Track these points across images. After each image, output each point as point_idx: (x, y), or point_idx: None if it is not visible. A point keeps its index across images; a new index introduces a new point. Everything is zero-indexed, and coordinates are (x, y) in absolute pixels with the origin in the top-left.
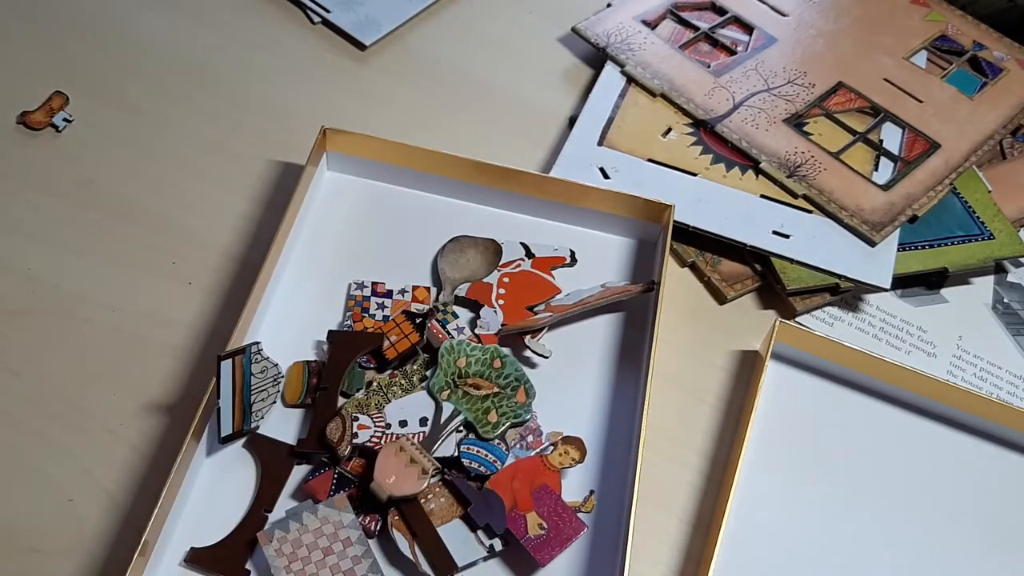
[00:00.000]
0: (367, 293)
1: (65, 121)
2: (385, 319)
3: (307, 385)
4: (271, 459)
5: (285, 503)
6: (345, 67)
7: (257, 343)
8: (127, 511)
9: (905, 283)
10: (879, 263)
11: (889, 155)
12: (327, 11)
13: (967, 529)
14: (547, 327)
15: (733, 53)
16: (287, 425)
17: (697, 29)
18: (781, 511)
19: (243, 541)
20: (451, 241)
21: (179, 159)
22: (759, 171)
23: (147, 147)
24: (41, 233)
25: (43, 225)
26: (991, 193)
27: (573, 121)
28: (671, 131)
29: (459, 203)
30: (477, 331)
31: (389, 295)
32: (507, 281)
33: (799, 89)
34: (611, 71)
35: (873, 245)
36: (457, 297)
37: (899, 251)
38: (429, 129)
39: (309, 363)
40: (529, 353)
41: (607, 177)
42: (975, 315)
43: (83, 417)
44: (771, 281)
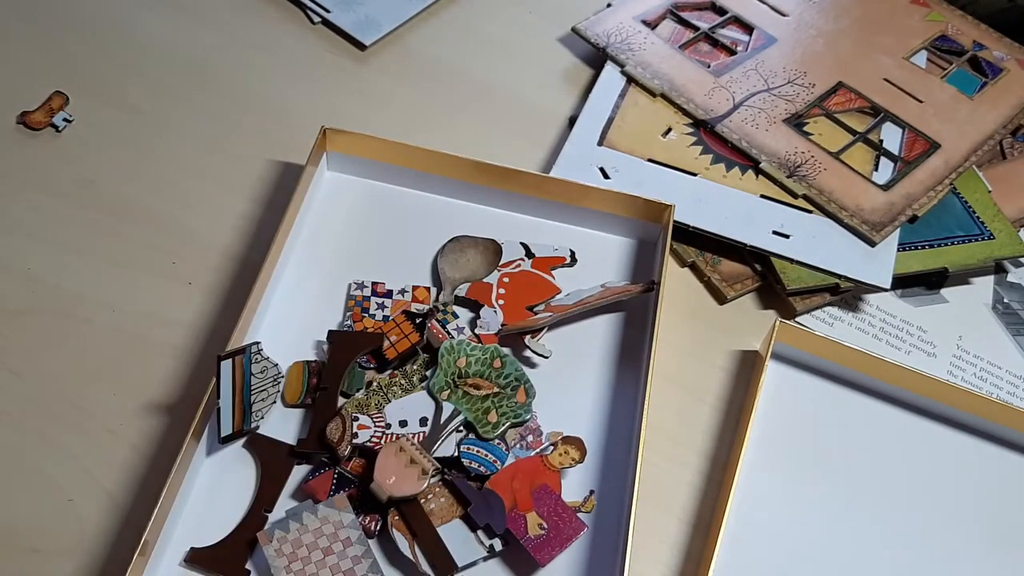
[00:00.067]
0: (367, 293)
1: (65, 121)
2: (385, 319)
3: (307, 385)
4: (271, 459)
5: (285, 503)
6: (345, 67)
7: (257, 343)
8: (127, 511)
9: (905, 283)
10: (879, 263)
11: (889, 155)
12: (327, 11)
13: (967, 529)
14: (547, 327)
15: (733, 53)
16: (287, 425)
17: (697, 29)
18: (781, 511)
19: (243, 541)
20: (451, 241)
21: (179, 159)
22: (759, 171)
23: (147, 147)
24: (41, 233)
25: (43, 225)
26: (991, 193)
27: (573, 121)
28: (671, 131)
29: (459, 203)
30: (477, 331)
31: (389, 295)
32: (507, 281)
33: (799, 89)
34: (611, 71)
35: (873, 245)
36: (457, 297)
37: (899, 251)
38: (429, 129)
39: (309, 363)
40: (529, 353)
41: (607, 177)
42: (975, 315)
43: (83, 417)
44: (771, 281)
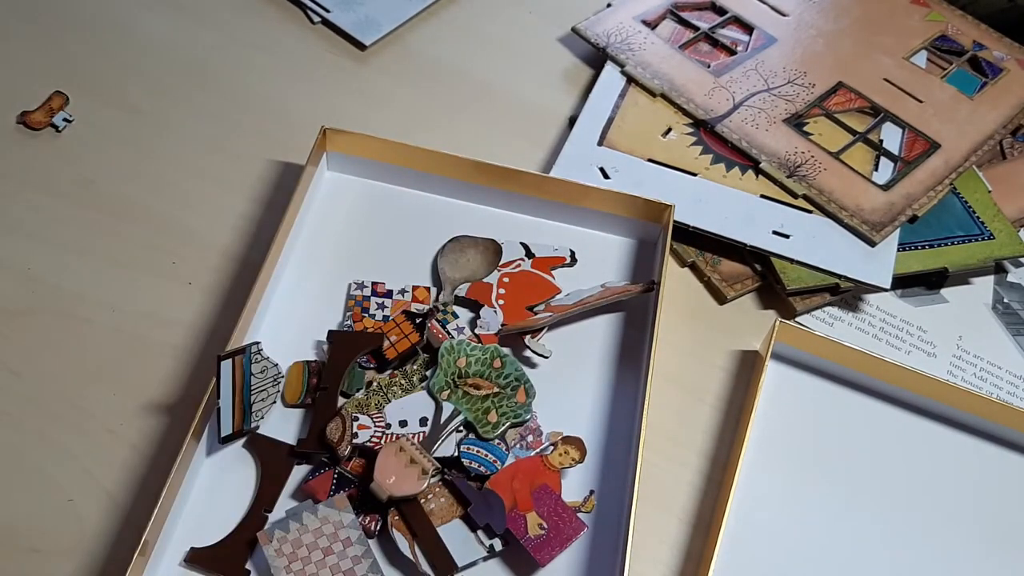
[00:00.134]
0: (367, 293)
1: (65, 121)
2: (385, 319)
3: (307, 385)
4: (271, 459)
5: (285, 503)
6: (345, 67)
7: (257, 343)
8: (127, 511)
9: (905, 283)
10: (879, 263)
11: (889, 155)
12: (327, 11)
13: (967, 529)
14: (547, 327)
15: (733, 53)
16: (287, 425)
17: (697, 29)
18: (781, 511)
19: (243, 541)
20: (451, 241)
21: (179, 159)
22: (759, 171)
23: (147, 147)
24: (41, 233)
25: (43, 225)
26: (991, 193)
27: (573, 121)
28: (671, 131)
29: (459, 203)
30: (477, 331)
31: (389, 295)
32: (507, 281)
33: (799, 89)
34: (611, 71)
35: (873, 245)
36: (457, 297)
37: (899, 251)
38: (429, 129)
39: (309, 363)
40: (529, 353)
41: (607, 177)
42: (975, 315)
43: (83, 417)
44: (771, 281)
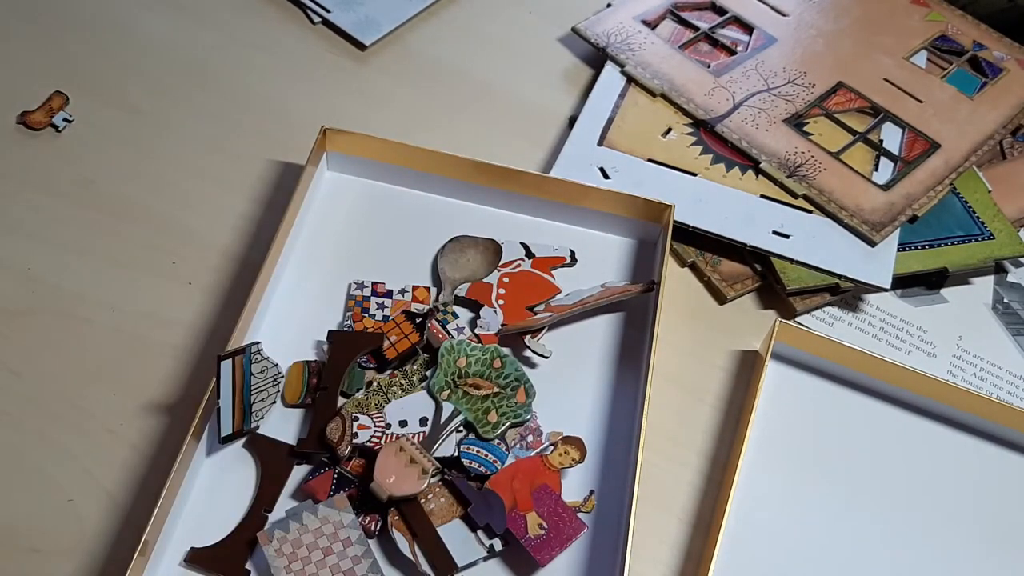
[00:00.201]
0: (367, 293)
1: (65, 121)
2: (385, 319)
3: (307, 385)
4: (271, 459)
5: (285, 503)
6: (345, 67)
7: (257, 343)
8: (127, 511)
9: (905, 283)
10: (879, 263)
11: (889, 155)
12: (327, 11)
13: (967, 529)
14: (547, 327)
15: (733, 53)
16: (287, 425)
17: (697, 29)
18: (781, 511)
19: (243, 541)
20: (451, 241)
21: (179, 159)
22: (759, 171)
23: (147, 147)
24: (41, 233)
25: (43, 225)
26: (991, 193)
27: (573, 121)
28: (671, 131)
29: (459, 203)
30: (477, 331)
31: (389, 295)
32: (507, 281)
33: (799, 89)
34: (611, 71)
35: (873, 245)
36: (457, 297)
37: (899, 251)
38: (429, 129)
39: (309, 363)
40: (529, 353)
41: (607, 177)
42: (975, 315)
43: (83, 417)
44: (771, 281)
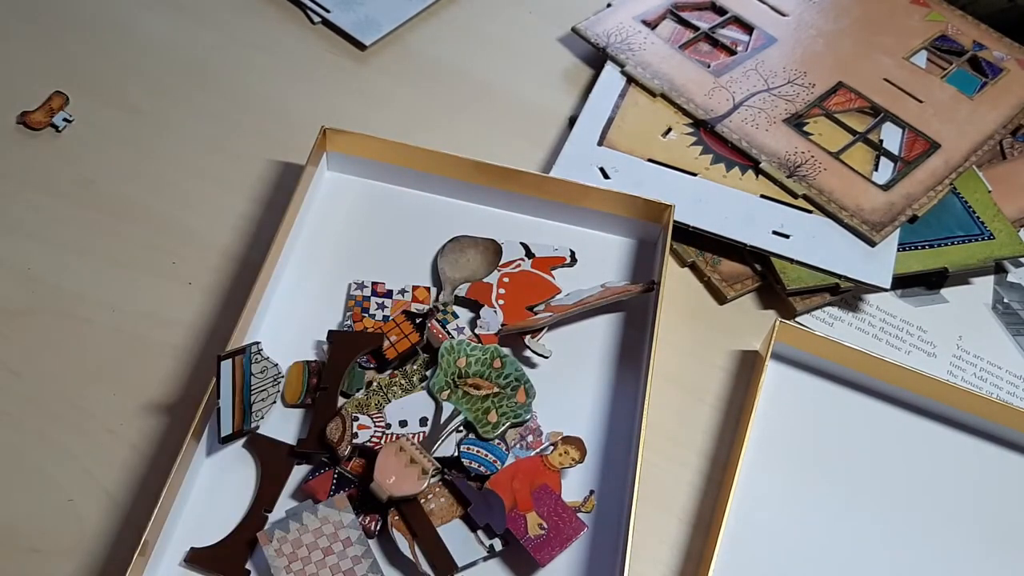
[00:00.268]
0: (367, 293)
1: (65, 121)
2: (385, 319)
3: (307, 385)
4: (271, 459)
5: (285, 503)
6: (345, 67)
7: (257, 343)
8: (127, 511)
9: (905, 283)
10: (879, 263)
11: (889, 155)
12: (327, 11)
13: (967, 529)
14: (547, 327)
15: (733, 53)
16: (287, 425)
17: (697, 29)
18: (781, 511)
19: (243, 541)
20: (451, 241)
21: (179, 159)
22: (759, 171)
23: (147, 147)
24: (41, 233)
25: (43, 225)
26: (991, 193)
27: (573, 121)
28: (671, 131)
29: (459, 203)
30: (477, 331)
31: (389, 295)
32: (507, 281)
33: (799, 89)
34: (611, 71)
35: (873, 245)
36: (457, 297)
37: (899, 251)
38: (429, 129)
39: (309, 363)
40: (529, 353)
41: (607, 177)
42: (975, 315)
43: (83, 417)
44: (771, 281)
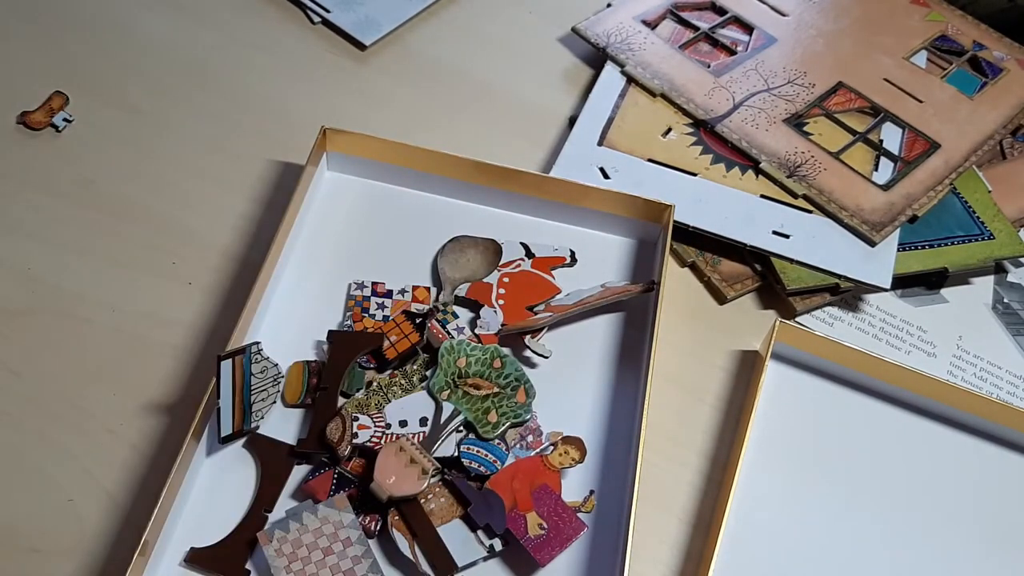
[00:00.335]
0: (367, 293)
1: (65, 121)
2: (385, 319)
3: (307, 385)
4: (271, 459)
5: (285, 503)
6: (345, 67)
7: (257, 343)
8: (127, 511)
9: (905, 283)
10: (879, 263)
11: (889, 155)
12: (327, 11)
13: (967, 529)
14: (547, 327)
15: (733, 53)
16: (287, 425)
17: (697, 29)
18: (781, 511)
19: (243, 541)
20: (451, 241)
21: (179, 159)
22: (759, 171)
23: (147, 147)
24: (41, 233)
25: (43, 225)
26: (991, 193)
27: (573, 121)
28: (671, 131)
29: (459, 203)
30: (477, 331)
31: (389, 295)
32: (507, 281)
33: (799, 89)
34: (611, 71)
35: (873, 245)
36: (457, 297)
37: (899, 251)
38: (429, 129)
39: (309, 363)
40: (529, 353)
41: (607, 177)
42: (975, 315)
43: (83, 417)
44: (771, 281)
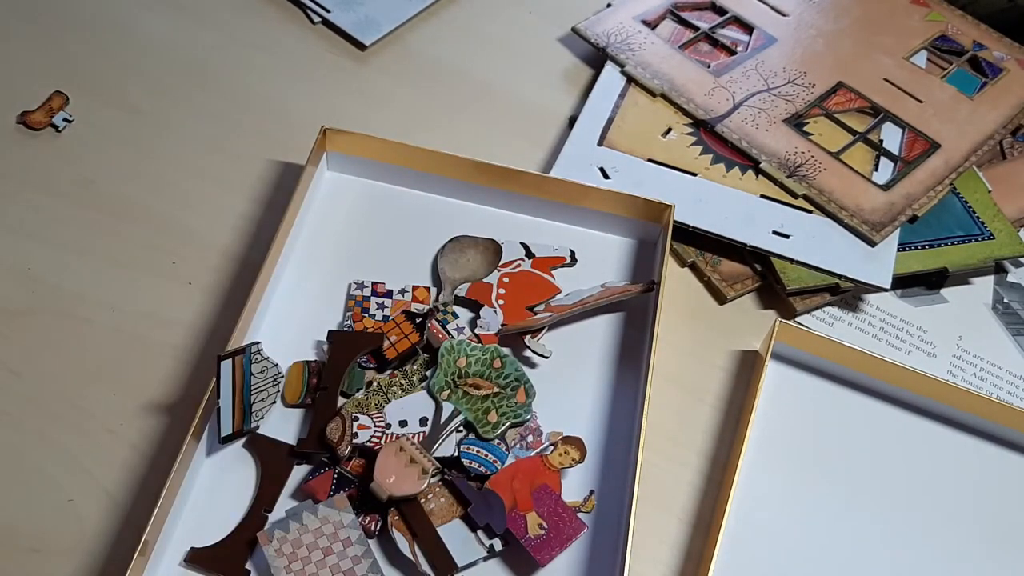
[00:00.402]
0: (367, 293)
1: (65, 121)
2: (385, 319)
3: (307, 385)
4: (271, 459)
5: (285, 503)
6: (345, 67)
7: (257, 343)
8: (127, 511)
9: (905, 283)
10: (879, 263)
11: (889, 155)
12: (327, 11)
13: (967, 529)
14: (547, 327)
15: (733, 53)
16: (287, 425)
17: (697, 29)
18: (781, 511)
19: (243, 541)
20: (451, 241)
21: (179, 159)
22: (759, 171)
23: (147, 147)
24: (41, 233)
25: (43, 225)
26: (991, 193)
27: (573, 121)
28: (671, 131)
29: (459, 203)
30: (477, 331)
31: (389, 295)
32: (507, 281)
33: (799, 89)
34: (611, 71)
35: (873, 245)
36: (457, 297)
37: (899, 251)
38: (429, 129)
39: (309, 363)
40: (529, 353)
41: (607, 177)
42: (975, 315)
43: (83, 417)
44: (771, 281)
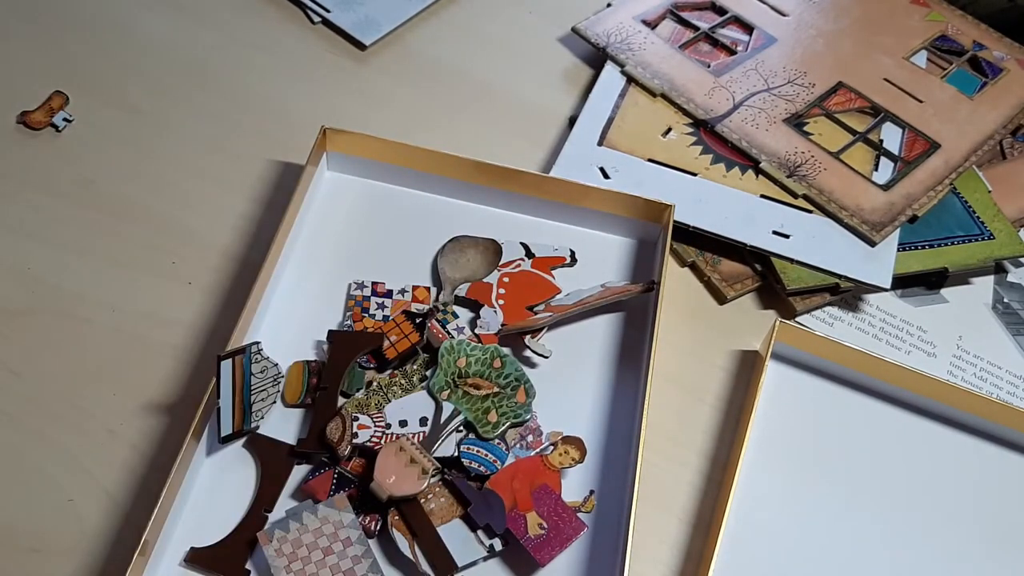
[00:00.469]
0: (367, 293)
1: (65, 121)
2: (385, 319)
3: (307, 385)
4: (271, 459)
5: (285, 503)
6: (345, 67)
7: (257, 343)
8: (127, 511)
9: (905, 283)
10: (879, 263)
11: (889, 155)
12: (327, 11)
13: (967, 529)
14: (547, 327)
15: (733, 53)
16: (287, 425)
17: (697, 29)
18: (781, 511)
19: (243, 541)
20: (451, 241)
21: (179, 159)
22: (759, 171)
23: (147, 147)
24: (41, 233)
25: (43, 225)
26: (991, 193)
27: (573, 121)
28: (671, 131)
29: (459, 203)
30: (477, 331)
31: (389, 295)
32: (507, 281)
33: (799, 89)
34: (611, 71)
35: (873, 245)
36: (457, 297)
37: (899, 251)
38: (429, 129)
39: (309, 363)
40: (529, 353)
41: (607, 177)
42: (975, 315)
43: (83, 417)
44: (771, 281)
